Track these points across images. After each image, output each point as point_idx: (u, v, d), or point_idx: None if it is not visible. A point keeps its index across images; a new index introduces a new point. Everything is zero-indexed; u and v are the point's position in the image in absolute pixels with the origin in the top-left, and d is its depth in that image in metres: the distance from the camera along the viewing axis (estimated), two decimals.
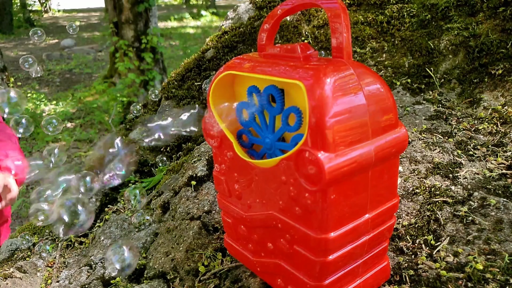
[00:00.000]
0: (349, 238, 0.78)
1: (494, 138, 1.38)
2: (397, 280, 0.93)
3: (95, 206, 1.74)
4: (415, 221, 1.09)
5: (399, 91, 1.73)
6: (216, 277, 1.08)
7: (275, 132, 0.86)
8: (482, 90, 1.61)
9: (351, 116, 0.71)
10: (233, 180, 0.93)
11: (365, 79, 0.75)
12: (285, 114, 0.81)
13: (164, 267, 1.19)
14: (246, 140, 0.93)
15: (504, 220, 1.02)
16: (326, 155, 0.68)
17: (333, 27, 0.75)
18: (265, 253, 0.91)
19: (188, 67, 2.22)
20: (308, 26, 2.13)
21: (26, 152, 5.92)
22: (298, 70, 0.74)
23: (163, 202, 1.49)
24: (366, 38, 1.96)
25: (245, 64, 0.86)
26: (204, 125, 0.95)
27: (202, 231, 1.24)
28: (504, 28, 1.66)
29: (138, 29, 7.28)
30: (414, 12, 1.94)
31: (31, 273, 1.41)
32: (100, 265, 1.34)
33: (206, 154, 1.59)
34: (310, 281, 0.80)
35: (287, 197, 0.78)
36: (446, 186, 1.17)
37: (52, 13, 18.59)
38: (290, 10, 0.87)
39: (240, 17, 2.38)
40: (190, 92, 2.07)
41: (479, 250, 0.95)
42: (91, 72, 9.87)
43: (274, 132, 0.86)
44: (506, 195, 1.11)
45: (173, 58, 10.53)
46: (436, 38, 1.83)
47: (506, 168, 1.22)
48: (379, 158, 0.75)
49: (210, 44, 2.30)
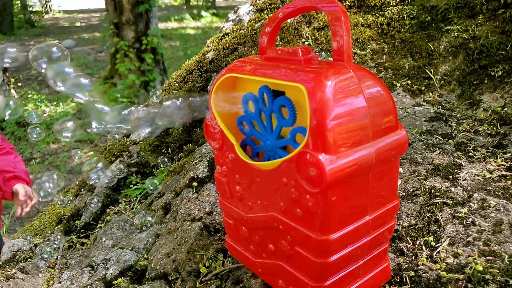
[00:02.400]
0: (350, 239, 0.78)
1: (494, 139, 1.38)
2: (397, 281, 0.94)
3: (96, 207, 1.74)
4: (415, 222, 1.09)
5: (399, 92, 1.74)
6: (218, 278, 1.09)
7: (273, 131, 0.87)
8: (482, 92, 1.62)
9: (351, 119, 0.72)
10: (234, 182, 0.94)
11: (366, 82, 0.75)
12: (276, 106, 0.82)
13: (165, 268, 1.20)
14: (250, 152, 0.94)
15: (504, 221, 1.02)
16: (327, 157, 0.69)
17: (334, 30, 0.76)
18: (266, 254, 0.92)
19: (189, 68, 2.23)
20: (309, 28, 2.14)
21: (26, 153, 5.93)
22: (299, 73, 0.75)
23: (165, 204, 1.50)
24: (366, 40, 1.97)
25: (246, 67, 0.87)
26: (205, 126, 0.96)
27: (204, 232, 1.25)
28: (504, 30, 1.67)
29: (138, 30, 7.30)
30: (414, 14, 1.95)
31: (33, 274, 1.41)
32: (102, 266, 1.34)
33: (207, 156, 1.60)
34: (311, 282, 0.81)
35: (288, 198, 0.79)
36: (446, 187, 1.18)
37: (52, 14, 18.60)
38: (291, 13, 0.88)
39: (241, 19, 2.39)
40: (191, 93, 2.08)
41: (479, 251, 0.96)
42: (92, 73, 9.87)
43: (272, 132, 0.87)
44: (506, 196, 1.11)
45: (174, 59, 10.54)
46: (436, 40, 1.83)
47: (506, 170, 1.23)
48: (380, 160, 0.75)
49: (211, 46, 2.31)
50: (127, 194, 1.79)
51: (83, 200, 1.88)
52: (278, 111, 0.83)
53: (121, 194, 1.81)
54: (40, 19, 16.51)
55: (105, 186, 1.75)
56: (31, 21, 15.23)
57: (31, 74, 9.66)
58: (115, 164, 1.92)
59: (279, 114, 0.83)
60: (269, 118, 0.87)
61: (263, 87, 0.84)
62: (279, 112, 0.83)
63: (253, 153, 0.94)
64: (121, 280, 1.25)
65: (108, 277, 1.29)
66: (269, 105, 0.84)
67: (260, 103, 0.87)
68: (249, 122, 0.92)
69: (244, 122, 0.93)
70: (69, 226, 1.74)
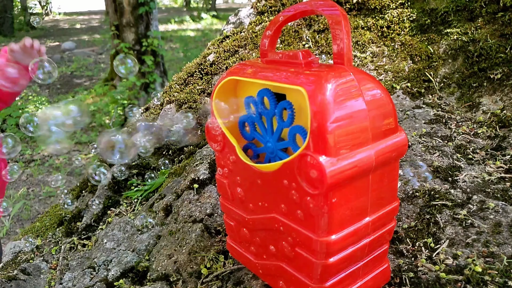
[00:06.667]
0: (350, 240, 0.79)
1: (493, 142, 1.39)
2: (397, 282, 0.95)
3: (98, 208, 1.75)
4: (415, 224, 1.10)
5: (399, 95, 1.75)
6: (219, 279, 1.09)
7: (274, 133, 0.88)
8: (481, 94, 1.63)
9: (352, 121, 0.73)
10: (235, 184, 0.94)
11: (366, 85, 0.76)
12: (278, 110, 0.83)
13: (167, 270, 1.21)
14: (252, 154, 0.95)
15: (503, 223, 1.03)
16: (328, 159, 0.70)
17: (334, 34, 0.77)
18: (267, 256, 0.93)
19: (189, 71, 2.24)
20: (309, 31, 2.15)
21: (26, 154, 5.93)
22: (300, 76, 0.76)
23: (166, 205, 1.51)
24: (366, 43, 1.98)
25: (247, 70, 0.88)
26: (207, 129, 0.97)
27: (205, 233, 1.25)
28: (503, 33, 1.68)
29: (139, 32, 7.30)
30: (414, 17, 1.96)
31: (35, 275, 1.42)
32: (104, 268, 1.35)
33: (208, 157, 1.61)
34: (312, 283, 0.82)
35: (289, 200, 0.80)
36: (446, 189, 1.18)
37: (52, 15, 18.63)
38: (292, 17, 0.89)
39: (242, 21, 2.40)
40: (192, 95, 2.08)
41: (478, 252, 0.97)
42: (92, 74, 9.88)
43: (273, 134, 0.88)
44: (504, 198, 1.12)
45: (174, 61, 10.55)
46: (436, 43, 1.84)
47: (505, 172, 1.23)
48: (380, 162, 0.76)
49: (212, 49, 2.32)
50: (128, 195, 1.80)
51: (85, 202, 1.89)
52: (280, 115, 0.84)
53: (122, 196, 1.82)
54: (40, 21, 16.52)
55: None
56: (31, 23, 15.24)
57: None
58: (116, 165, 1.93)
59: (280, 117, 0.84)
60: (270, 121, 0.88)
61: (263, 90, 0.85)
62: (281, 115, 0.84)
63: (254, 154, 0.95)
64: (122, 281, 1.25)
65: (109, 278, 1.29)
66: (271, 108, 0.85)
67: (260, 106, 0.88)
68: (251, 124, 0.93)
69: (246, 123, 0.94)
70: (71, 227, 1.74)
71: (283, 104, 0.82)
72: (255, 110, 0.90)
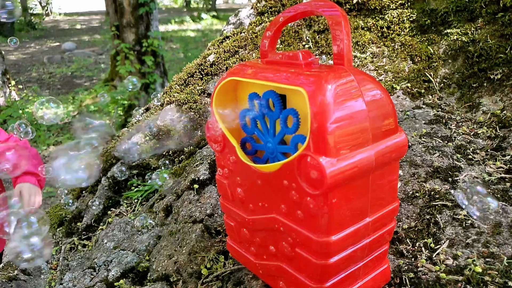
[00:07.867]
0: (350, 241, 0.79)
1: (493, 142, 1.39)
2: (397, 283, 0.95)
3: (98, 209, 1.75)
4: (415, 224, 1.10)
5: (399, 95, 1.75)
6: (219, 280, 1.09)
7: (275, 136, 0.88)
8: (481, 95, 1.63)
9: (352, 122, 0.73)
10: (235, 184, 0.94)
11: (366, 85, 0.76)
12: (283, 116, 0.83)
13: (167, 270, 1.21)
14: (250, 148, 0.95)
15: (503, 223, 1.03)
16: (328, 159, 0.70)
17: (334, 34, 0.77)
18: (267, 256, 0.93)
19: (190, 71, 2.24)
20: (309, 31, 2.15)
21: None
22: (300, 77, 0.76)
23: (166, 206, 1.51)
24: (367, 43, 1.98)
25: (247, 70, 0.88)
26: (207, 129, 0.97)
27: (205, 234, 1.26)
28: (503, 33, 1.68)
29: (139, 33, 7.31)
30: (414, 18, 1.96)
31: (35, 276, 1.42)
32: (104, 268, 1.35)
33: (209, 158, 1.61)
34: (312, 284, 0.82)
35: (289, 200, 0.80)
36: (446, 189, 1.19)
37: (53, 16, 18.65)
38: (292, 18, 0.89)
39: (242, 22, 2.41)
40: (192, 96, 2.09)
41: (478, 253, 0.97)
42: (92, 75, 9.89)
43: (275, 136, 0.88)
44: (504, 198, 1.12)
45: (174, 61, 10.56)
46: (436, 43, 1.84)
47: (505, 172, 1.23)
48: (380, 162, 0.76)
49: (212, 49, 2.32)
50: (128, 196, 1.80)
51: (85, 202, 1.89)
52: (285, 121, 0.83)
53: (122, 196, 1.82)
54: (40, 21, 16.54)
55: None
56: (31, 23, 15.26)
57: (32, 76, 9.68)
58: (117, 166, 1.93)
59: (284, 123, 0.84)
60: (273, 123, 0.88)
61: (269, 92, 0.85)
62: (285, 121, 0.83)
63: (252, 150, 0.95)
64: (122, 281, 1.26)
65: (110, 278, 1.29)
66: (276, 111, 0.85)
67: (265, 107, 0.87)
68: (252, 119, 0.92)
69: (248, 118, 0.94)
70: (71, 228, 1.74)
71: (289, 112, 0.82)
72: (258, 108, 0.89)
